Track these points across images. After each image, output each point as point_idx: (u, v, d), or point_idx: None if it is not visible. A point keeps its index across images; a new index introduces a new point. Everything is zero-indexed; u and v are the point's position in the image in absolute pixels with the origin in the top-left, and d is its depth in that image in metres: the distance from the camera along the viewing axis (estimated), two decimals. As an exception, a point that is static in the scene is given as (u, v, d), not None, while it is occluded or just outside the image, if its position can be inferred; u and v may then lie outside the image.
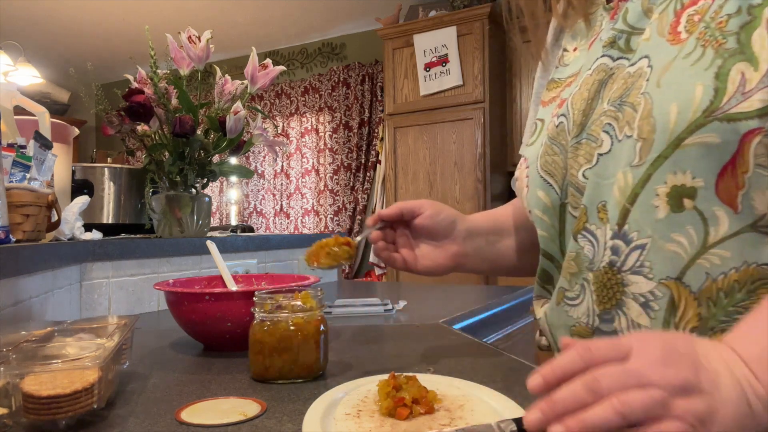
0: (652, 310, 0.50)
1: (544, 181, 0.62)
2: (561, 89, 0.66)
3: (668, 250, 0.49)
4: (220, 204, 5.04)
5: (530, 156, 0.65)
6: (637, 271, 0.51)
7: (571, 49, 0.68)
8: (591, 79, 0.58)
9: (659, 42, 0.52)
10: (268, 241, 1.61)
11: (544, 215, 0.62)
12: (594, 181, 0.55)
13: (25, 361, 0.51)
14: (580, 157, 0.57)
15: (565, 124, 0.60)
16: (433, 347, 0.81)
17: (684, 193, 0.48)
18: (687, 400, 0.36)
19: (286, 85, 4.73)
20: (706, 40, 0.48)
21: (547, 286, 0.67)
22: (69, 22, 4.25)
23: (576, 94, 0.59)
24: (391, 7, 3.83)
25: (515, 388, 0.58)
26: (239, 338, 0.75)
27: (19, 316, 0.81)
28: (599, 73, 0.57)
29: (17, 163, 0.99)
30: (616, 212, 0.52)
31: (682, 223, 0.48)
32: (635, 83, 0.52)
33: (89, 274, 1.13)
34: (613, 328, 0.54)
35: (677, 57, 0.49)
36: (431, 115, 3.41)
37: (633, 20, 0.56)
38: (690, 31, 0.49)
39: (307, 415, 0.49)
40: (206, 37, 1.38)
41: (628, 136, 0.51)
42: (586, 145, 0.56)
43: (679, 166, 0.47)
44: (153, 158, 1.42)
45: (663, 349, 0.38)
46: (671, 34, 0.51)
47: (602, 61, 0.58)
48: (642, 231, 0.50)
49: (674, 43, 0.50)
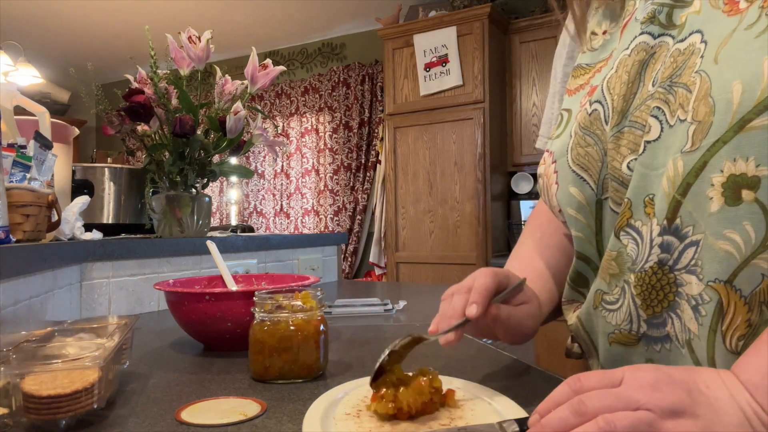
0: (700, 315, 0.46)
1: (577, 176, 0.56)
2: (590, 75, 0.60)
3: (720, 248, 0.44)
4: (220, 204, 5.04)
5: (557, 149, 0.59)
6: (691, 270, 0.46)
7: (600, 32, 0.62)
8: (630, 60, 0.53)
9: (713, 14, 0.46)
10: (268, 241, 1.61)
11: (579, 214, 0.57)
12: (641, 173, 0.49)
13: (26, 361, 0.51)
14: (622, 147, 0.52)
15: (600, 112, 0.54)
16: (433, 347, 0.81)
17: (744, 184, 0.42)
18: (676, 422, 0.36)
19: (286, 85, 4.73)
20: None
21: (581, 289, 0.62)
22: (69, 22, 4.25)
23: (613, 78, 0.54)
24: (391, 7, 3.83)
25: (515, 388, 0.58)
26: (239, 338, 0.75)
27: (19, 316, 0.81)
28: (639, 53, 0.52)
29: (17, 163, 0.99)
30: (664, 205, 0.47)
31: (739, 218, 0.43)
32: (687, 61, 0.47)
33: (89, 274, 1.13)
34: (665, 332, 0.50)
35: (737, 29, 0.44)
36: (431, 115, 3.41)
37: None
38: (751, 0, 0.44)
39: (307, 415, 0.49)
40: (206, 37, 1.39)
41: (682, 120, 0.46)
42: (630, 133, 0.51)
43: (740, 152, 0.42)
44: (153, 158, 1.42)
45: (655, 376, 0.38)
46: (728, 5, 0.45)
47: (642, 39, 0.52)
48: (697, 225, 0.45)
49: (732, 14, 0.45)
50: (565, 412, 0.38)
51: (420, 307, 1.22)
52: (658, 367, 0.40)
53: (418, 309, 1.19)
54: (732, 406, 0.37)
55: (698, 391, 0.38)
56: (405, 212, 3.50)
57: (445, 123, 3.38)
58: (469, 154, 3.30)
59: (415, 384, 0.49)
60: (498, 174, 3.36)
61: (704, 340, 0.46)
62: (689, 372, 0.39)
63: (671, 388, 0.37)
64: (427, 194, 3.44)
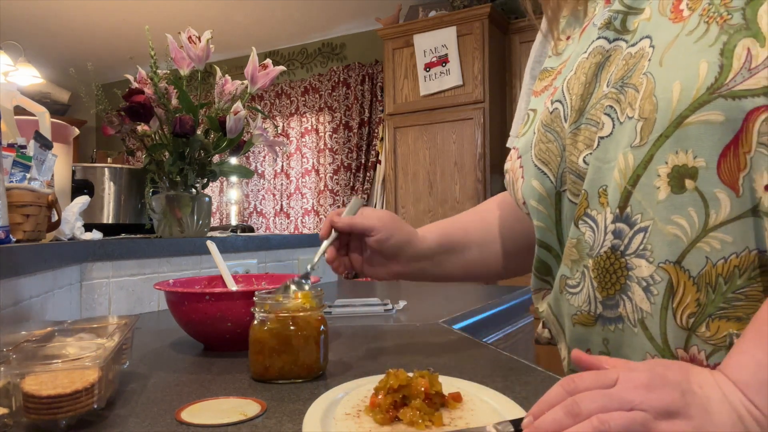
0: (652, 295, 0.50)
1: (539, 170, 0.60)
2: (553, 77, 0.65)
3: (668, 232, 0.48)
4: (220, 204, 5.04)
5: (522, 146, 0.64)
6: (640, 255, 0.50)
7: (564, 38, 0.66)
8: (587, 62, 0.57)
9: (661, 21, 0.50)
10: (268, 241, 1.61)
11: (540, 205, 0.61)
12: (595, 166, 0.54)
13: (26, 361, 0.51)
14: (579, 142, 0.55)
15: (561, 110, 0.58)
16: (433, 347, 0.81)
17: (685, 174, 0.47)
18: (670, 423, 0.37)
19: (286, 85, 4.73)
20: (710, 16, 0.46)
21: (546, 278, 0.67)
22: (69, 22, 4.25)
23: (572, 79, 0.58)
24: (391, 7, 3.83)
25: (515, 388, 0.58)
26: (239, 338, 0.75)
27: (19, 316, 0.81)
28: (596, 55, 0.56)
29: (17, 163, 0.99)
30: (617, 195, 0.51)
31: (684, 204, 0.47)
32: (637, 64, 0.51)
33: (89, 274, 1.13)
34: (618, 314, 0.53)
35: (680, 35, 0.48)
36: (431, 115, 3.41)
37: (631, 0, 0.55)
38: (692, 8, 0.48)
39: (307, 415, 0.49)
40: (206, 37, 1.38)
41: (630, 118, 0.50)
42: (586, 129, 0.55)
43: (680, 145, 0.46)
44: (153, 158, 1.42)
45: (649, 376, 0.39)
46: (673, 12, 0.49)
47: (598, 43, 0.56)
48: (645, 213, 0.49)
49: (677, 21, 0.49)
50: (559, 413, 0.38)
51: (420, 307, 1.22)
52: (652, 367, 0.41)
53: (418, 309, 1.19)
54: (724, 405, 0.38)
55: (691, 392, 0.39)
56: (405, 212, 3.50)
57: (445, 123, 3.38)
58: (469, 154, 3.30)
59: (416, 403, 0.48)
60: (498, 174, 3.35)
61: (657, 318, 0.50)
62: (683, 372, 0.40)
63: (665, 389, 0.38)
64: (427, 194, 3.44)
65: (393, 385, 0.49)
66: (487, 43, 3.25)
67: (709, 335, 0.47)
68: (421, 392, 0.48)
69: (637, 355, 0.52)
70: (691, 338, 0.48)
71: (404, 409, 0.48)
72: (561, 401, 0.39)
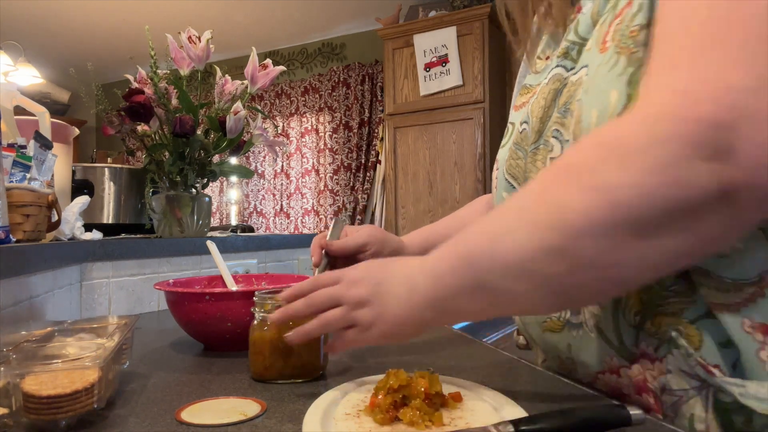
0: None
1: (509, 184, 0.65)
2: (531, 95, 0.68)
3: None
4: (220, 204, 5.04)
5: (500, 158, 0.69)
6: None
7: (544, 57, 0.69)
8: (547, 88, 0.61)
9: (594, 51, 0.54)
10: (268, 241, 1.61)
11: None
12: None
13: (26, 361, 0.51)
14: (538, 161, 0.60)
15: (527, 131, 0.63)
16: (433, 347, 0.81)
17: None
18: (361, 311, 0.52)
19: (286, 85, 4.73)
20: (621, 48, 0.50)
21: None
22: (69, 22, 4.25)
23: (534, 103, 0.62)
24: (391, 7, 3.83)
25: (515, 388, 0.58)
26: (239, 338, 0.75)
27: (19, 316, 0.81)
28: (554, 82, 0.60)
29: (17, 163, 0.99)
30: None
31: None
32: (576, 91, 0.55)
33: (89, 274, 1.13)
34: (580, 320, 0.58)
35: (601, 65, 0.52)
36: (431, 115, 3.41)
37: (583, 32, 0.58)
38: (613, 39, 0.51)
39: (307, 415, 0.49)
40: (206, 37, 1.39)
41: (567, 140, 0.55)
42: (543, 150, 0.59)
43: None
44: (153, 158, 1.42)
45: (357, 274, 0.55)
46: (602, 44, 0.53)
47: (556, 71, 0.60)
48: None
49: (602, 52, 0.52)
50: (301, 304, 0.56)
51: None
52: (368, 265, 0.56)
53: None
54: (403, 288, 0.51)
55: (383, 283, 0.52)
56: (405, 212, 3.50)
57: (445, 123, 3.38)
58: (469, 154, 3.30)
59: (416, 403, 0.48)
60: (498, 174, 3.36)
61: (609, 320, 0.54)
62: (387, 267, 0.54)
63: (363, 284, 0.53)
64: (427, 194, 3.44)
65: (393, 385, 0.49)
66: (487, 43, 3.25)
67: (654, 330, 0.51)
68: (421, 392, 0.48)
69: (594, 358, 0.57)
70: (640, 335, 0.52)
71: (404, 409, 0.48)
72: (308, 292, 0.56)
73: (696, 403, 0.49)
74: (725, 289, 0.46)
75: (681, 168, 0.38)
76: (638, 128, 0.41)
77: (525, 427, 0.42)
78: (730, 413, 0.47)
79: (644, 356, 0.52)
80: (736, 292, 0.46)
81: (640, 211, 0.40)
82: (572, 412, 0.44)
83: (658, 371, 0.51)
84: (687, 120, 0.38)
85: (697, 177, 0.38)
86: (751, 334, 0.46)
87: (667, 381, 0.50)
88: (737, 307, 0.46)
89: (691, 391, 0.49)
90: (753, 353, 0.46)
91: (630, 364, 0.53)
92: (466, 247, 0.48)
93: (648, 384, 0.52)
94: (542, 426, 0.43)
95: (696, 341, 0.48)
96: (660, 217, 0.39)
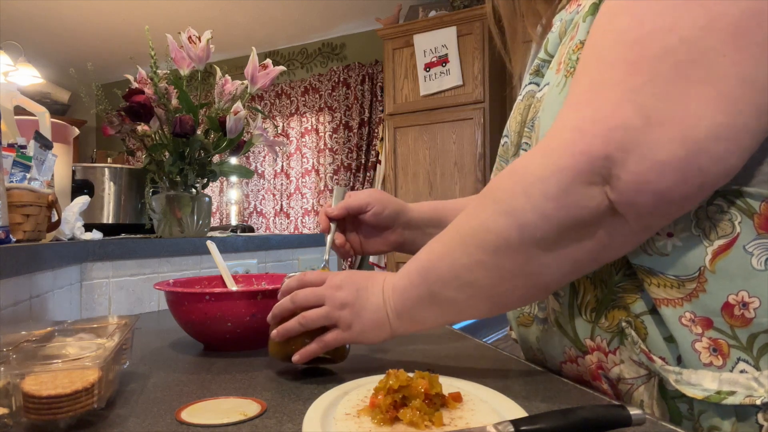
0: (560, 296, 0.59)
1: None
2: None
3: None
4: (220, 204, 5.04)
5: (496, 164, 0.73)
6: None
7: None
8: (522, 104, 0.65)
9: (554, 71, 0.59)
10: (268, 241, 1.61)
11: None
12: None
13: (26, 361, 0.51)
14: None
15: (508, 144, 0.68)
16: (433, 347, 0.81)
17: None
18: (343, 312, 0.58)
19: (286, 85, 4.73)
20: (567, 70, 0.55)
21: None
22: (69, 22, 4.25)
23: (512, 118, 0.67)
24: (391, 7, 3.83)
25: (515, 388, 0.58)
26: (239, 338, 0.75)
27: (19, 316, 0.81)
28: (528, 98, 0.64)
29: (17, 163, 0.99)
30: None
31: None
32: (539, 108, 0.59)
33: (89, 274, 1.13)
34: (545, 315, 0.62)
35: (553, 84, 0.57)
36: (431, 115, 3.41)
37: (552, 49, 0.62)
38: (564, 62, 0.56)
39: (307, 415, 0.49)
40: (206, 37, 1.39)
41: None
42: None
43: None
44: (153, 158, 1.42)
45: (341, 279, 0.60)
46: (558, 65, 0.58)
47: (529, 88, 0.64)
48: None
49: (557, 72, 0.57)
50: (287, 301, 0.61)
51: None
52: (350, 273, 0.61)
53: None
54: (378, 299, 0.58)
55: (362, 290, 0.59)
56: (405, 212, 3.50)
57: (445, 123, 3.38)
58: (469, 154, 3.30)
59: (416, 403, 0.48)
60: (498, 174, 3.36)
61: (567, 316, 0.59)
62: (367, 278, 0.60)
63: (346, 288, 0.59)
64: (427, 194, 3.44)
65: (393, 386, 0.49)
66: (487, 43, 3.25)
67: (608, 324, 0.55)
68: (421, 392, 0.48)
69: (557, 350, 0.62)
70: (595, 329, 0.56)
71: (404, 409, 0.48)
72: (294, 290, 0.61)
73: (644, 390, 0.53)
74: (669, 285, 0.51)
75: (573, 193, 0.46)
76: (540, 160, 0.48)
77: (525, 427, 0.42)
78: (675, 401, 0.52)
79: (598, 349, 0.57)
80: (678, 288, 0.50)
81: (543, 230, 0.48)
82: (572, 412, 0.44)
83: (611, 363, 0.55)
84: (580, 153, 0.46)
85: (587, 200, 0.46)
86: (688, 326, 0.50)
87: (621, 371, 0.55)
88: (680, 302, 0.50)
89: (640, 380, 0.54)
90: (689, 345, 0.50)
91: (584, 354, 0.58)
92: (421, 263, 0.57)
93: (601, 372, 0.57)
94: (542, 426, 0.43)
95: (642, 333, 0.53)
96: (560, 233, 0.48)
